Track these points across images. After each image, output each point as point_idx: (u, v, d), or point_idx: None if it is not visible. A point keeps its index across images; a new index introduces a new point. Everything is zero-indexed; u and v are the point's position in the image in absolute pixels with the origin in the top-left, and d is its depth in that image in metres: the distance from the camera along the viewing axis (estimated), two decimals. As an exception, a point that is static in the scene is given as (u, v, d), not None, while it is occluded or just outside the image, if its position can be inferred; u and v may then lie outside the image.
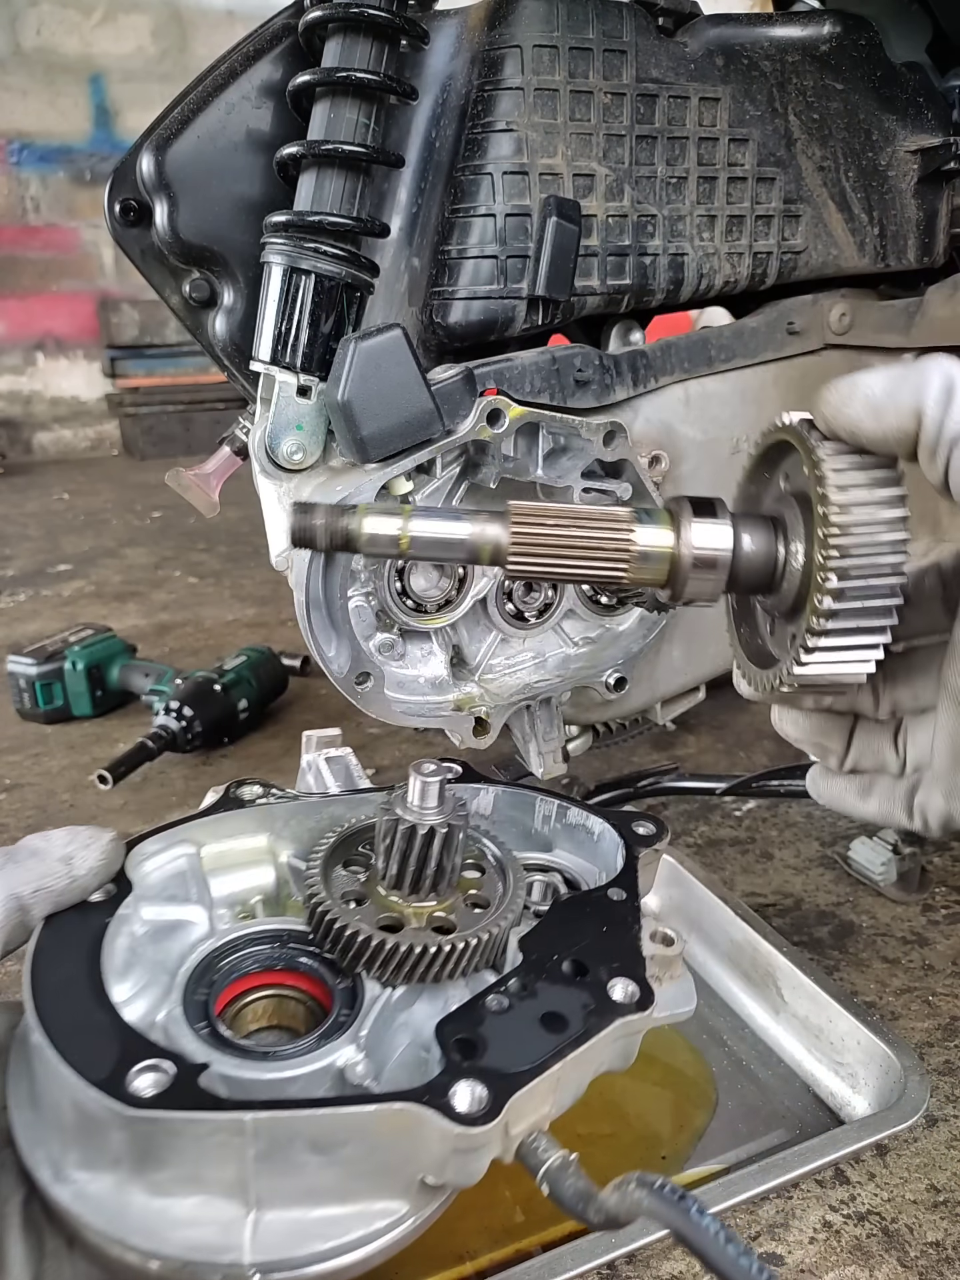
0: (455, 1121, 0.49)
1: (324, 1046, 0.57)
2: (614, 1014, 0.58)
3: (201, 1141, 0.48)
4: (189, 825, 0.71)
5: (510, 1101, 0.51)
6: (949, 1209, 0.83)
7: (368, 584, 0.90)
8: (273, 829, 0.73)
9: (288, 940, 0.65)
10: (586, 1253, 0.75)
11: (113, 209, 0.91)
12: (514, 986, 0.59)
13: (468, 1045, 0.55)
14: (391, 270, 0.91)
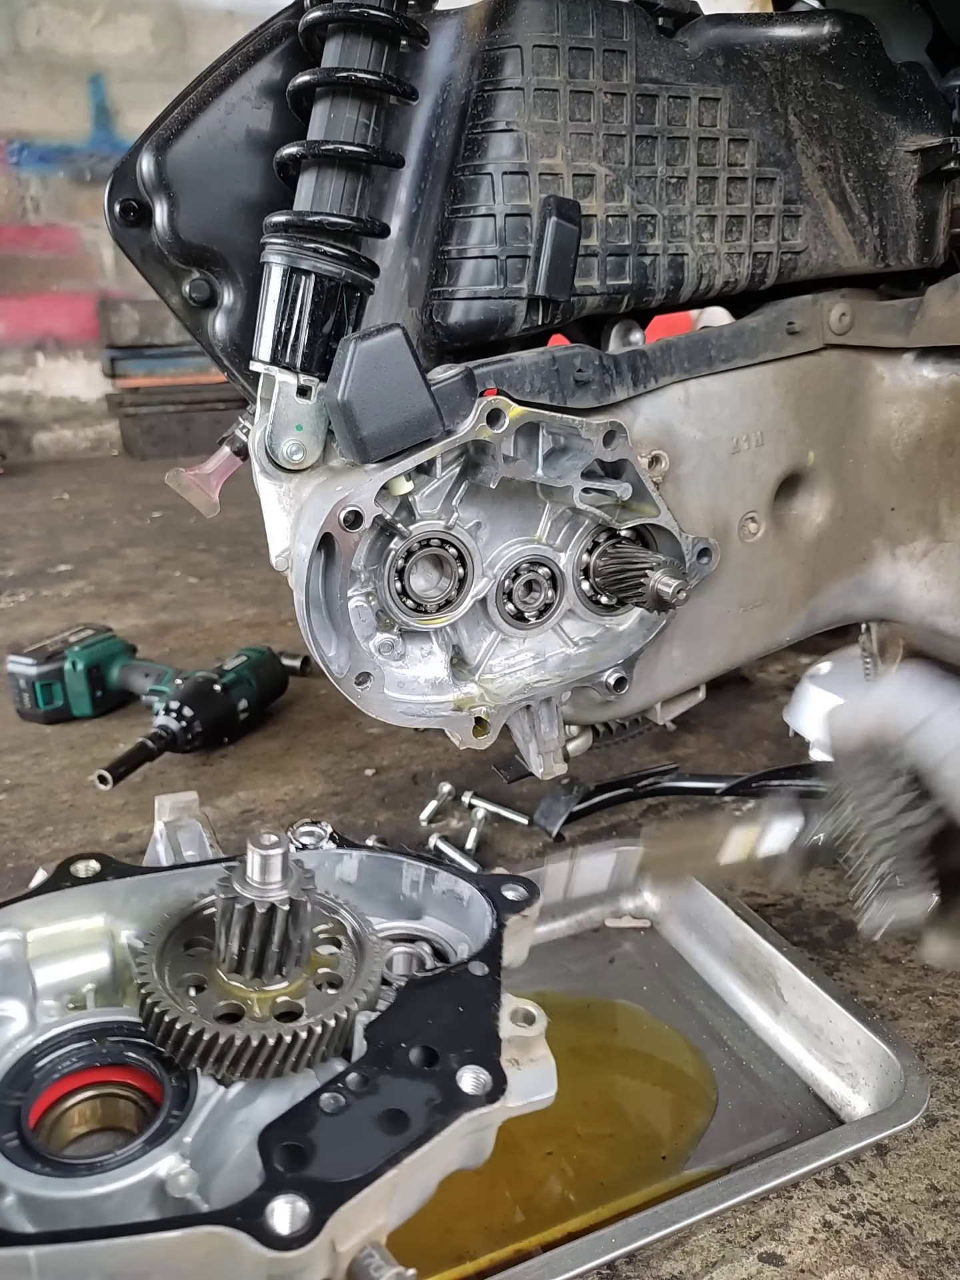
0: (269, 1246, 0.44)
1: (143, 1157, 0.51)
2: (461, 1108, 0.53)
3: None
4: (13, 908, 0.65)
5: (334, 1217, 0.46)
6: (949, 1209, 0.83)
7: (368, 584, 0.90)
8: (110, 908, 0.67)
9: (118, 1032, 0.60)
10: (586, 1253, 0.75)
11: (113, 209, 0.91)
12: (353, 1082, 0.54)
13: (294, 1153, 0.49)
14: (391, 270, 0.91)
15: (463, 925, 0.74)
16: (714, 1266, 0.78)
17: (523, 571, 0.94)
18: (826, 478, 1.07)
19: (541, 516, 0.96)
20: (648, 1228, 0.77)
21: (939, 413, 1.05)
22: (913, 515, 1.10)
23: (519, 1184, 0.85)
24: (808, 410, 1.03)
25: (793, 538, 1.08)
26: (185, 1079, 0.57)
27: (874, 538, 1.12)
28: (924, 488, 1.08)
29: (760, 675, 2.05)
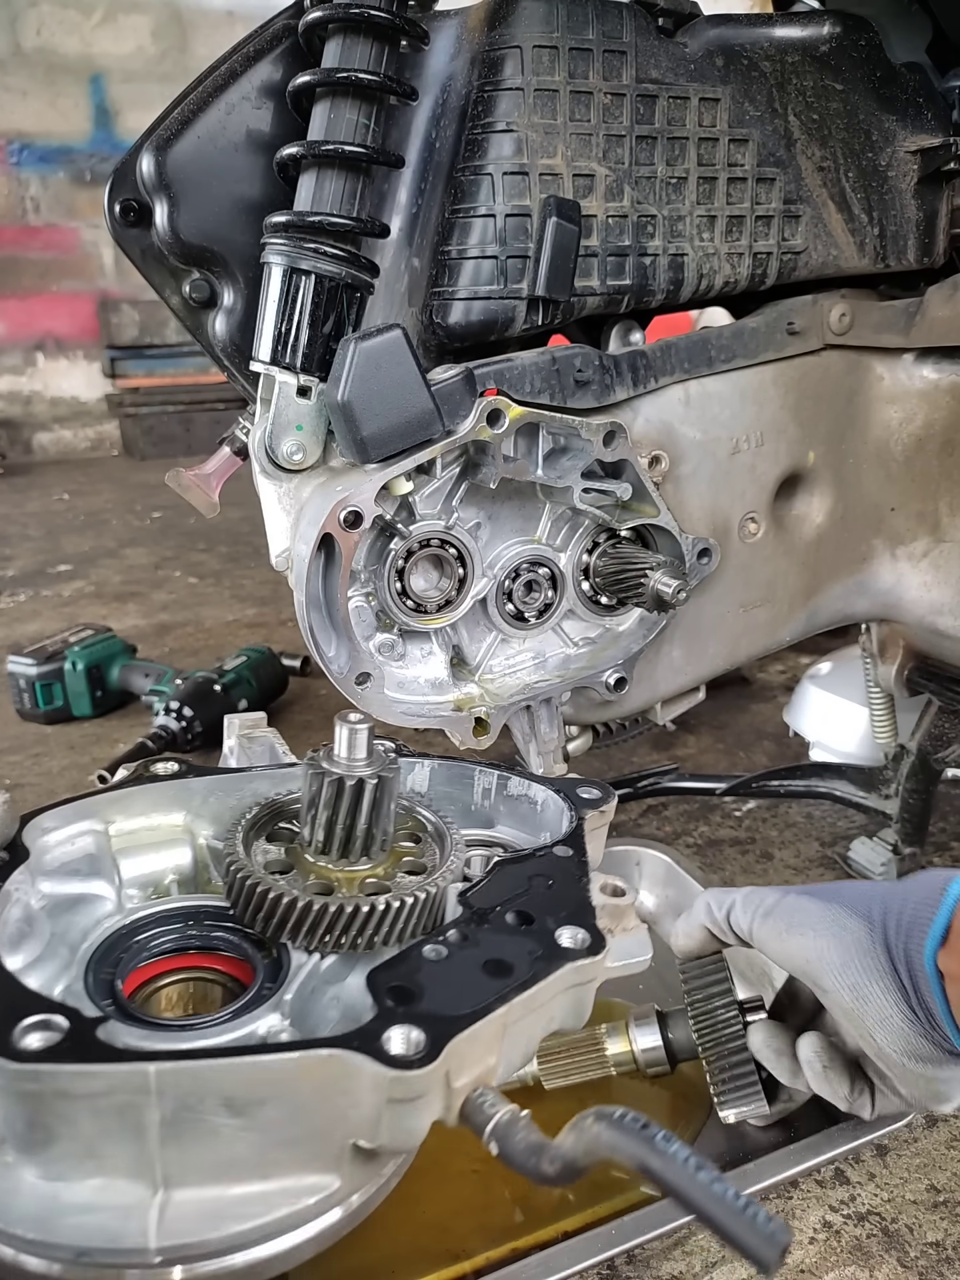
0: (389, 1065, 0.44)
1: (245, 1015, 0.52)
2: (563, 959, 0.54)
3: (97, 1103, 0.42)
4: (95, 799, 0.65)
5: (450, 1045, 0.46)
6: (949, 1209, 0.83)
7: (368, 584, 0.90)
8: (189, 806, 0.68)
9: (203, 918, 0.60)
10: (583, 1251, 0.75)
11: (113, 209, 0.91)
12: (453, 936, 0.55)
13: (403, 992, 0.50)
14: (391, 271, 0.91)
15: (537, 830, 0.74)
16: (714, 1266, 0.78)
17: (523, 572, 0.95)
18: (826, 478, 1.07)
19: (541, 517, 0.96)
20: (644, 1226, 0.77)
21: (939, 413, 1.05)
22: (913, 515, 1.10)
23: (516, 1183, 0.85)
24: (807, 410, 1.03)
25: (793, 538, 1.08)
26: (276, 956, 0.58)
27: (874, 538, 1.12)
28: (924, 488, 1.08)
29: (760, 675, 2.05)
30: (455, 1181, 0.86)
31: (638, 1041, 0.89)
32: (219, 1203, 0.45)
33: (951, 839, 1.47)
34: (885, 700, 1.34)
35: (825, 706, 1.62)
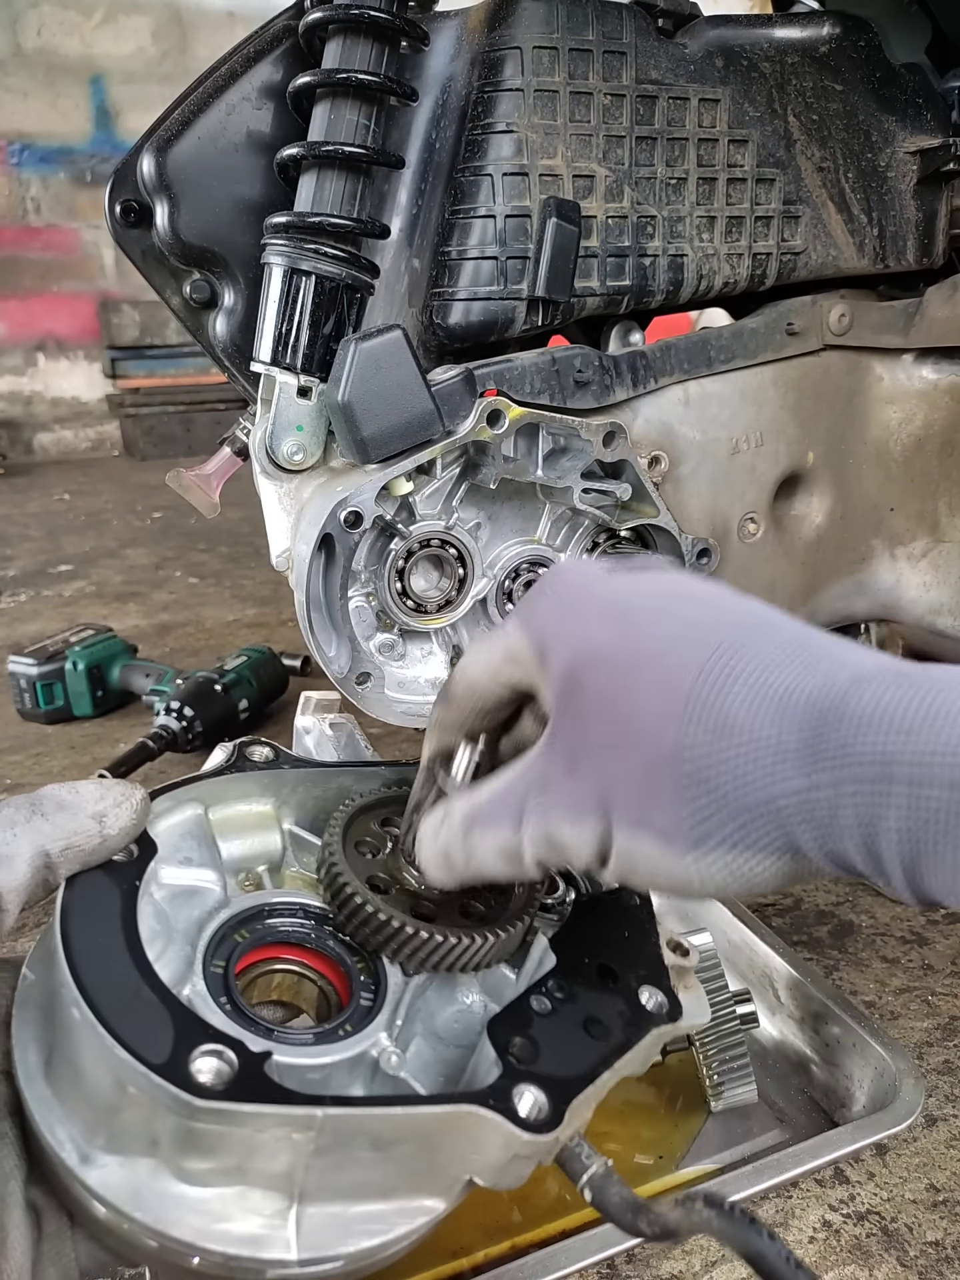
0: (520, 1128, 0.48)
1: (359, 1033, 0.54)
2: (650, 1024, 0.57)
3: (260, 1134, 0.45)
4: (197, 785, 0.67)
5: (570, 1106, 0.50)
6: (949, 1208, 0.83)
7: (368, 584, 0.90)
8: (279, 795, 0.69)
9: (305, 915, 0.62)
10: (582, 1250, 0.75)
11: (113, 210, 0.91)
12: (554, 988, 0.58)
13: (523, 1048, 0.54)
14: (392, 271, 0.91)
15: None
16: (713, 1266, 0.78)
17: (523, 572, 0.95)
18: (826, 478, 1.07)
19: (541, 517, 0.96)
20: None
21: (938, 413, 1.05)
22: (912, 515, 1.10)
23: (517, 1182, 0.86)
24: (807, 411, 1.03)
25: (792, 538, 1.08)
26: (368, 964, 0.60)
27: (873, 538, 1.12)
28: (923, 488, 1.09)
29: (760, 676, 2.04)
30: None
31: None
32: (344, 1218, 0.48)
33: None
34: (885, 700, 1.34)
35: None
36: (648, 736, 0.46)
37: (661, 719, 0.45)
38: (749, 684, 0.44)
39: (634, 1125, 0.92)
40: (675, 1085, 0.94)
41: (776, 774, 0.42)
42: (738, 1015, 0.87)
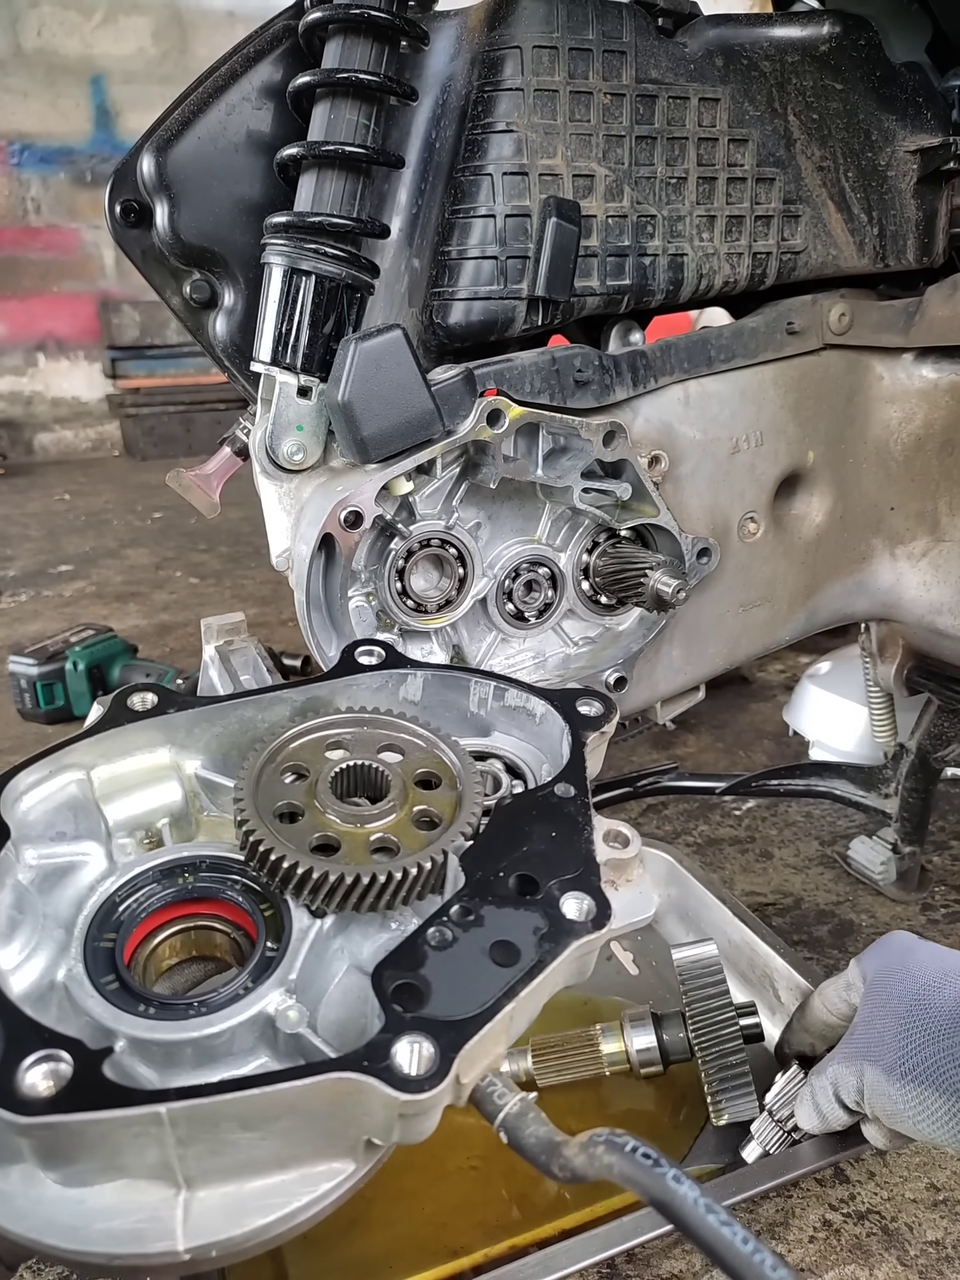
0: (398, 1089, 0.44)
1: (249, 994, 0.51)
2: (569, 935, 0.53)
3: (112, 1136, 0.43)
4: (75, 747, 0.63)
5: (460, 1054, 0.46)
6: (948, 1207, 0.83)
7: (368, 584, 0.90)
8: (174, 740, 0.65)
9: (201, 866, 0.58)
10: (582, 1250, 0.75)
11: (113, 210, 0.91)
12: (456, 914, 0.53)
13: (410, 991, 0.49)
14: (392, 271, 0.91)
15: (535, 741, 0.71)
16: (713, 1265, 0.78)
17: (523, 571, 0.95)
18: (826, 477, 1.07)
19: (541, 516, 0.96)
20: (644, 1226, 0.77)
21: (938, 412, 1.05)
22: (912, 515, 1.10)
23: (514, 1180, 0.86)
24: (807, 410, 1.03)
25: (792, 537, 1.08)
26: (276, 909, 0.56)
27: (873, 537, 1.12)
28: (923, 487, 1.08)
29: (760, 675, 2.05)
30: (453, 1178, 0.86)
31: (633, 1042, 0.89)
32: (239, 1196, 0.46)
33: (951, 838, 1.47)
34: (885, 699, 1.34)
35: (825, 706, 1.62)
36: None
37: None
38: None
39: (633, 1124, 0.92)
40: (679, 1094, 0.94)
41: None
42: (740, 1029, 0.86)
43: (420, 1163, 0.85)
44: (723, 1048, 0.86)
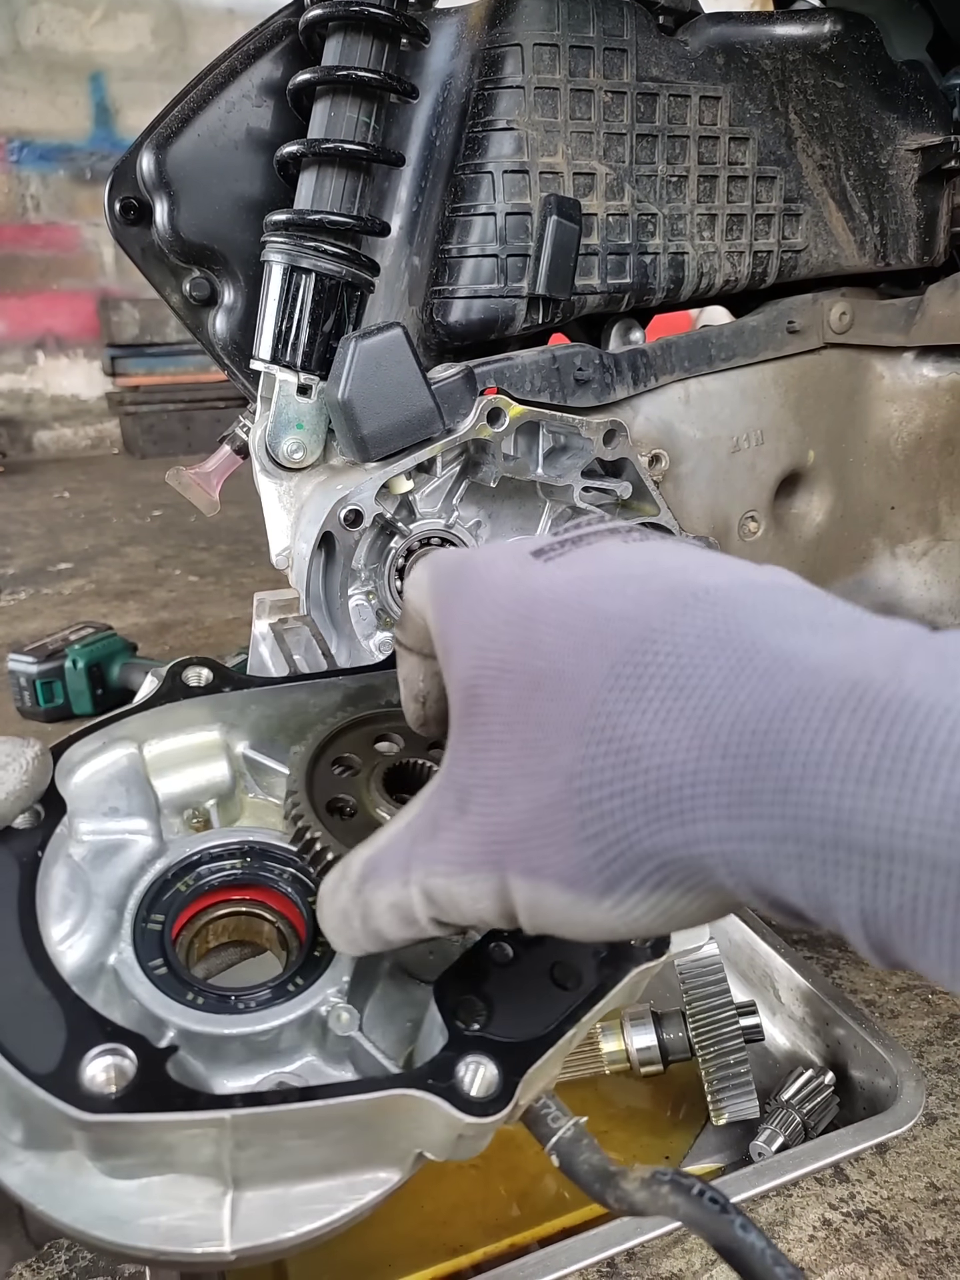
0: (463, 1111, 0.44)
1: (301, 992, 0.50)
2: (630, 961, 0.52)
3: (171, 1136, 0.43)
4: (128, 720, 0.61)
5: (524, 1078, 0.45)
6: (948, 1207, 0.83)
7: (368, 583, 0.90)
8: (225, 719, 0.64)
9: (251, 853, 0.57)
10: (582, 1249, 0.75)
11: (113, 207, 0.91)
12: (519, 932, 0.51)
13: (473, 1009, 0.48)
14: (392, 269, 0.91)
15: None
16: (713, 1264, 0.78)
17: (523, 570, 0.95)
18: (827, 476, 1.07)
19: (542, 515, 0.96)
20: (645, 1225, 0.76)
21: (939, 411, 1.05)
22: (913, 514, 1.10)
23: (514, 1179, 0.86)
24: (808, 409, 1.03)
25: (793, 536, 1.08)
26: None
27: (874, 536, 1.12)
28: (924, 486, 1.08)
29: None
30: (453, 1176, 0.86)
31: (634, 1041, 0.90)
32: (286, 1199, 0.45)
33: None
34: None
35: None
36: (539, 766, 0.37)
37: (555, 743, 0.37)
38: (663, 689, 0.34)
39: (633, 1124, 0.92)
40: (679, 1092, 0.94)
41: (695, 811, 0.33)
42: (740, 1028, 0.86)
43: (420, 1162, 0.85)
44: (723, 1047, 0.86)
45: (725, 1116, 0.85)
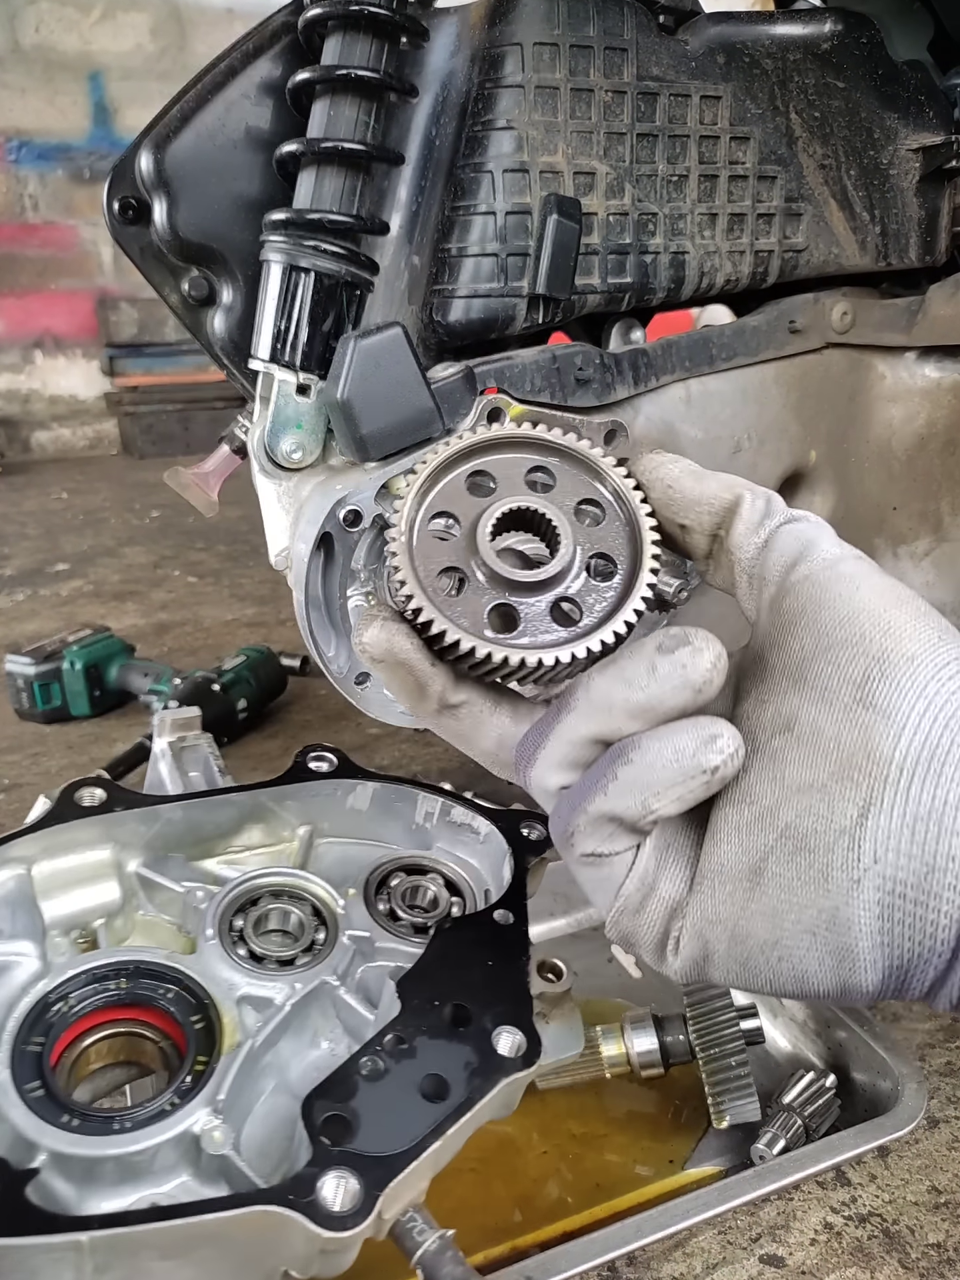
0: (322, 1225, 0.44)
1: (177, 1112, 0.50)
2: (499, 1072, 0.53)
3: (29, 1260, 0.42)
4: (18, 842, 0.62)
5: (385, 1192, 0.46)
6: (950, 1210, 0.83)
7: (367, 583, 0.89)
8: (118, 838, 0.65)
9: (135, 972, 0.58)
10: (583, 1253, 0.74)
11: (111, 207, 0.90)
12: (389, 1044, 0.53)
13: (339, 1124, 0.49)
14: (391, 268, 0.91)
15: (478, 860, 0.72)
16: (714, 1268, 0.78)
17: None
18: (828, 477, 1.07)
19: (542, 516, 0.95)
20: (646, 1229, 0.76)
21: (941, 412, 1.04)
22: (914, 515, 1.10)
23: (515, 1183, 0.85)
24: (809, 409, 1.03)
25: (793, 537, 1.07)
26: (208, 1021, 0.56)
27: (875, 537, 1.12)
28: (926, 487, 1.08)
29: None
30: (452, 1179, 0.85)
31: (634, 1045, 0.89)
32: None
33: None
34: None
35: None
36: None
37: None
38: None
39: (634, 1128, 0.92)
40: (681, 1096, 0.94)
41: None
42: (741, 1031, 0.86)
43: (419, 1165, 0.85)
44: (724, 1050, 0.86)
45: (726, 1119, 0.85)
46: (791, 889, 0.43)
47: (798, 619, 0.49)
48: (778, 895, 0.43)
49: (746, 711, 0.49)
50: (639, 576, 0.51)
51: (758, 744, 0.47)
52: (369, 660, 0.50)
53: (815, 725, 0.45)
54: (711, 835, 0.46)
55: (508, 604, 0.50)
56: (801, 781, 0.44)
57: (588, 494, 0.54)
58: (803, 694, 0.46)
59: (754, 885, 0.44)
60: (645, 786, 0.44)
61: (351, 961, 0.62)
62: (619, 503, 0.54)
